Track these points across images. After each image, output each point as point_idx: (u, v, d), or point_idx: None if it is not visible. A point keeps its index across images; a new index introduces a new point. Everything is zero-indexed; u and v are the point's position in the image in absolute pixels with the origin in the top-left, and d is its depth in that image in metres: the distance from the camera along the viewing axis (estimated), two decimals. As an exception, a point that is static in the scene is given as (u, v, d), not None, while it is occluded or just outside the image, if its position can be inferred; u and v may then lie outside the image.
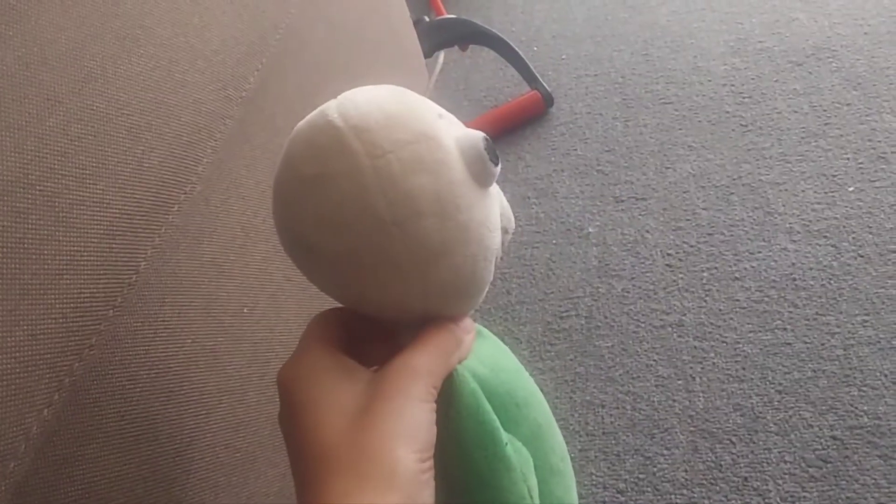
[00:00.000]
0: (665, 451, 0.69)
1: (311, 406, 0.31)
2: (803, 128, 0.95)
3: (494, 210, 0.36)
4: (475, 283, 0.35)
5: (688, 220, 0.90)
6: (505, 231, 0.38)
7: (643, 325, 0.80)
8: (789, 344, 0.73)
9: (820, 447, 0.65)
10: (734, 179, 0.92)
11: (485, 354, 0.36)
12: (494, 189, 0.37)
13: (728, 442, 0.68)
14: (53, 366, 0.33)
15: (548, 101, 1.13)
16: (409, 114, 0.33)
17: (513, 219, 0.40)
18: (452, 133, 0.34)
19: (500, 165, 0.35)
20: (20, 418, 0.31)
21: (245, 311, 0.49)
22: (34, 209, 0.33)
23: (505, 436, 0.33)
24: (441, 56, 1.25)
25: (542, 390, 0.40)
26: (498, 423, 0.33)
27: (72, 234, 0.35)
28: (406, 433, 0.30)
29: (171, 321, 0.42)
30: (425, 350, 0.33)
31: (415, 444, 0.30)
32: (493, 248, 0.35)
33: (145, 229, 0.39)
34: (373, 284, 0.33)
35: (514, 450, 0.33)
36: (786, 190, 0.88)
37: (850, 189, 0.85)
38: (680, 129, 1.02)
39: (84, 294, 0.35)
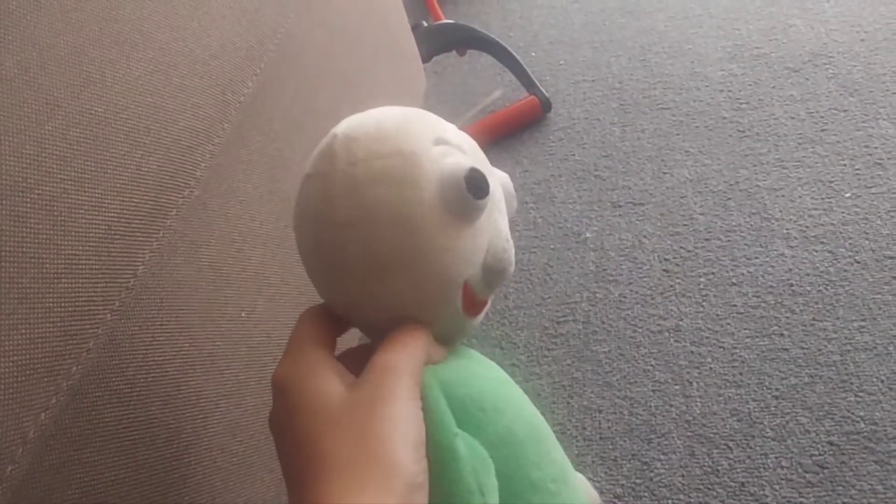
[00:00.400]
0: (662, 457, 0.69)
1: (307, 407, 0.31)
2: (800, 134, 0.95)
3: (473, 243, 0.35)
4: (427, 307, 0.35)
5: (685, 225, 0.90)
6: (491, 269, 0.36)
7: (640, 330, 0.80)
8: (786, 349, 0.73)
9: (817, 453, 0.65)
10: (731, 185, 0.92)
11: (454, 362, 0.37)
12: (486, 224, 0.36)
13: (725, 447, 0.68)
14: (51, 370, 0.33)
15: (546, 106, 1.13)
16: (401, 132, 0.34)
17: (509, 260, 0.38)
18: (444, 159, 0.34)
19: (485, 200, 0.34)
20: (17, 422, 0.31)
21: (243, 315, 0.49)
22: (33, 213, 0.33)
23: (457, 430, 0.33)
24: (497, 92, 1.20)
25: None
26: (449, 417, 0.33)
27: (70, 238, 0.35)
28: (401, 434, 0.30)
29: (168, 325, 0.42)
30: (399, 349, 0.33)
31: (410, 444, 0.30)
32: (457, 279, 0.35)
33: (143, 233, 0.39)
34: (332, 285, 0.35)
35: (467, 445, 0.33)
36: (783, 196, 0.88)
37: (847, 195, 0.86)
38: (677, 135, 1.02)
39: (82, 298, 0.35)
